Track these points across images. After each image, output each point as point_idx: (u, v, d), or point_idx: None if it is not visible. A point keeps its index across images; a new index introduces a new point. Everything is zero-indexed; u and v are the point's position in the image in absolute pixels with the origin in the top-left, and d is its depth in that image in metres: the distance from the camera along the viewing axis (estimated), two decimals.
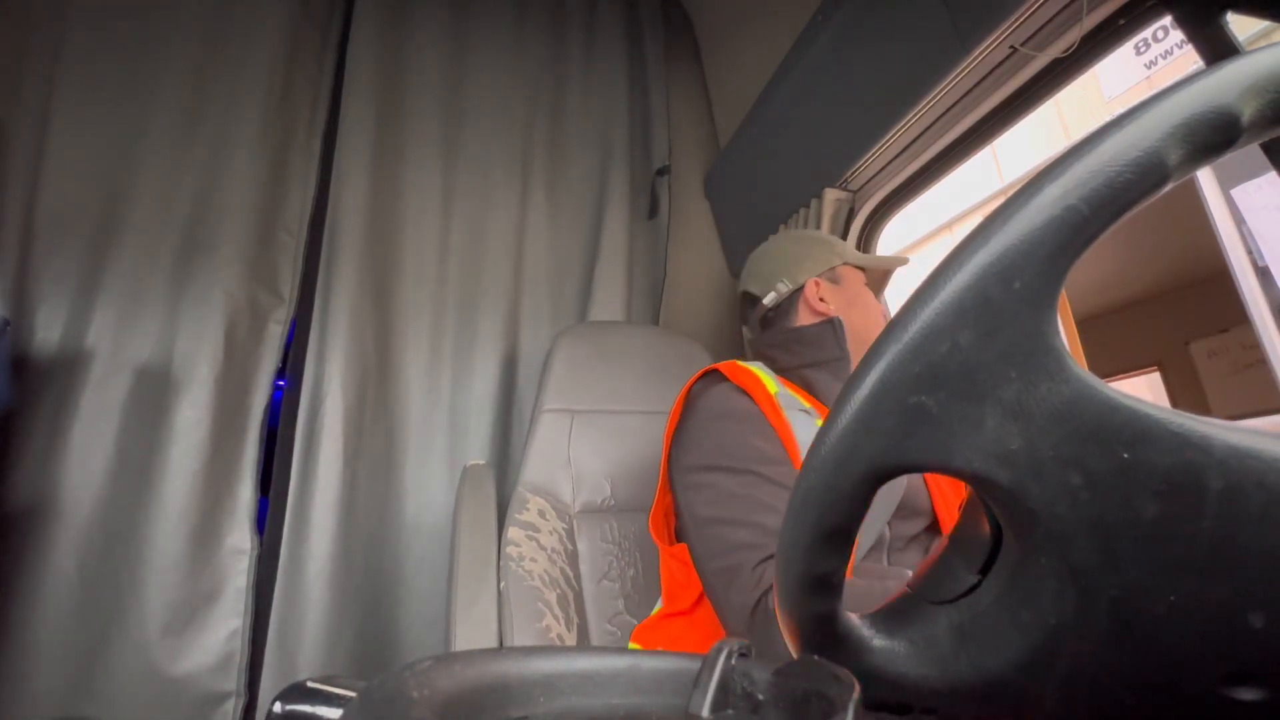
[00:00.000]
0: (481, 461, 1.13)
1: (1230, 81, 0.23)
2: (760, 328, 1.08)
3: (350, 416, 1.32)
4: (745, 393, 0.88)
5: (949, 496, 0.92)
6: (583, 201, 1.67)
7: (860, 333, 0.99)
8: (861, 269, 1.06)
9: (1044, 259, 0.23)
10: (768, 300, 1.05)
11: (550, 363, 1.22)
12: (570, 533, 1.07)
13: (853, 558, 0.80)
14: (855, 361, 0.96)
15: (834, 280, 1.03)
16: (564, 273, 1.62)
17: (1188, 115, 0.23)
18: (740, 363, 0.95)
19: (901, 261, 1.10)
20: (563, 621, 0.95)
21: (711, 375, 0.94)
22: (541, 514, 1.05)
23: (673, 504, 0.93)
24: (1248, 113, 0.23)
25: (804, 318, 1.01)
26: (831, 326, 0.96)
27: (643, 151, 1.75)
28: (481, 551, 0.97)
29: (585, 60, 1.76)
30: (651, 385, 1.21)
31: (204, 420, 1.21)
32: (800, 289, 1.02)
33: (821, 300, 1.01)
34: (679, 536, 0.91)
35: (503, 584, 0.94)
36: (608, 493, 1.14)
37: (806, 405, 0.91)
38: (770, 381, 0.91)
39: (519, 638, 0.90)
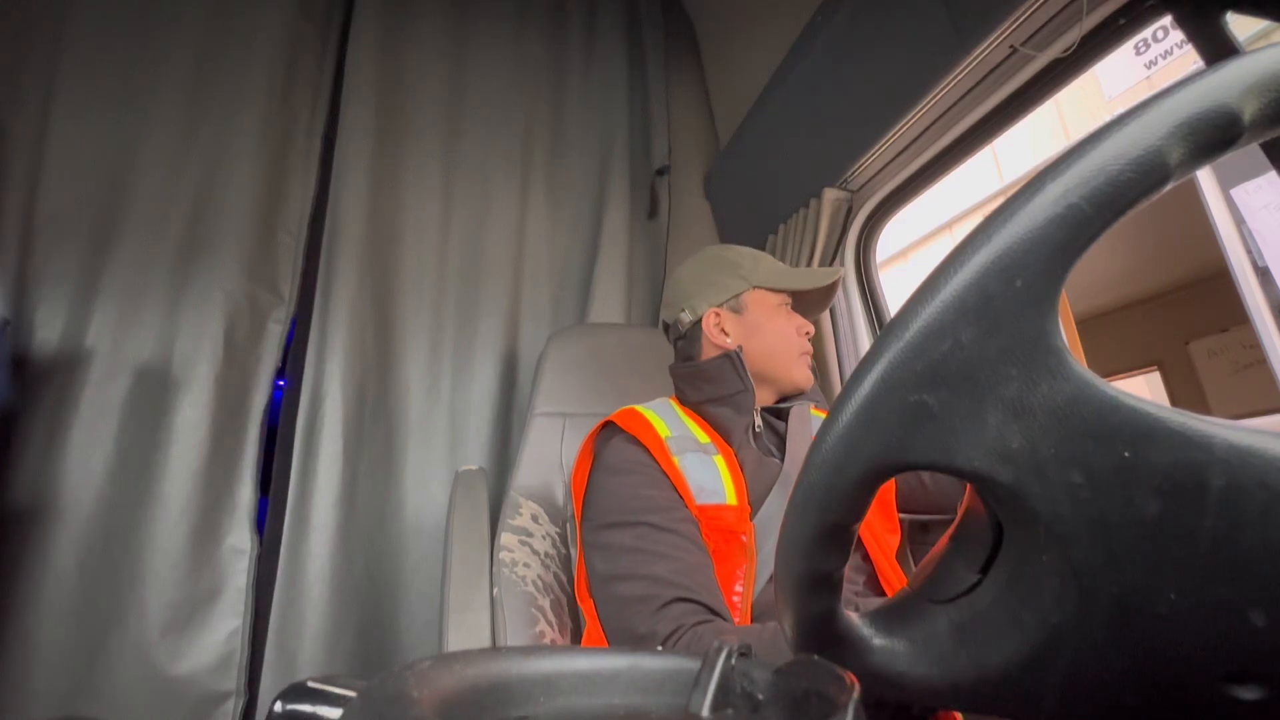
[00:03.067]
0: (474, 466, 1.12)
1: (1231, 81, 0.23)
2: (674, 354, 1.07)
3: (350, 416, 1.32)
4: (638, 442, 0.89)
5: (875, 525, 0.92)
6: (583, 201, 1.67)
7: (762, 364, 0.96)
8: (780, 290, 1.01)
9: (1046, 257, 0.23)
10: (673, 331, 1.04)
11: (542, 366, 1.21)
12: (564, 537, 1.07)
13: (749, 591, 0.81)
14: (760, 392, 0.96)
15: (737, 309, 0.99)
16: (564, 273, 1.62)
17: (1189, 114, 0.23)
18: (637, 408, 0.95)
19: (824, 277, 1.02)
20: (556, 627, 0.94)
21: (609, 428, 0.94)
22: (535, 519, 1.04)
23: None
24: (1249, 112, 0.23)
25: (706, 349, 0.99)
26: (730, 360, 0.94)
27: (643, 151, 1.75)
28: (474, 557, 0.96)
29: (585, 60, 1.76)
30: (645, 387, 1.20)
31: (204, 420, 1.21)
32: (699, 320, 1.00)
33: (722, 332, 0.98)
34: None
35: (496, 590, 0.93)
36: None
37: (704, 441, 0.91)
38: (662, 425, 0.91)
39: (513, 644, 0.89)
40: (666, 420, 0.93)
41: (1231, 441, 0.23)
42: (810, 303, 1.07)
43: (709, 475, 0.86)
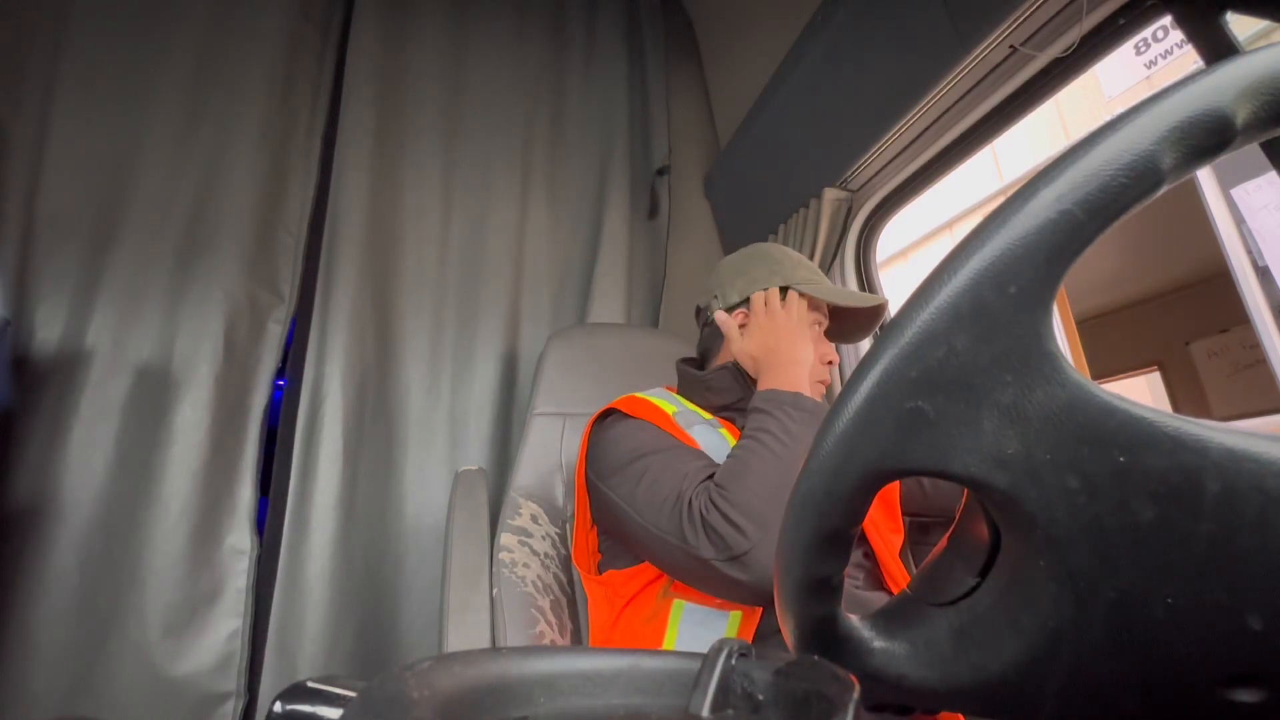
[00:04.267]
0: (474, 466, 1.13)
1: (1224, 84, 0.23)
2: (698, 340, 1.06)
3: (350, 416, 1.32)
4: (645, 420, 0.89)
5: (879, 524, 0.92)
6: (583, 201, 1.67)
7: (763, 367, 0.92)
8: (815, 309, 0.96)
9: (1039, 263, 0.23)
10: (701, 317, 1.04)
11: (542, 366, 1.21)
12: (563, 538, 1.07)
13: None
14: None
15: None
16: (564, 273, 1.62)
17: (1182, 118, 0.23)
18: (637, 394, 0.95)
19: (862, 300, 0.96)
20: (556, 628, 0.95)
21: (613, 414, 0.93)
22: (534, 519, 1.04)
23: (596, 529, 0.93)
24: (1242, 115, 0.23)
25: (724, 350, 0.99)
26: (729, 372, 0.94)
27: (643, 151, 1.75)
28: (474, 558, 0.97)
29: (585, 60, 1.76)
30: (644, 388, 1.20)
31: (204, 420, 1.21)
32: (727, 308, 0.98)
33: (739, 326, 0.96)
34: (610, 545, 0.90)
35: (495, 590, 0.94)
36: None
37: (707, 418, 0.92)
38: (666, 404, 0.92)
39: (512, 645, 0.89)
40: (668, 401, 0.94)
41: (1227, 445, 0.23)
42: (846, 329, 1.03)
43: (720, 444, 0.87)
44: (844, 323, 1.02)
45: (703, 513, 0.73)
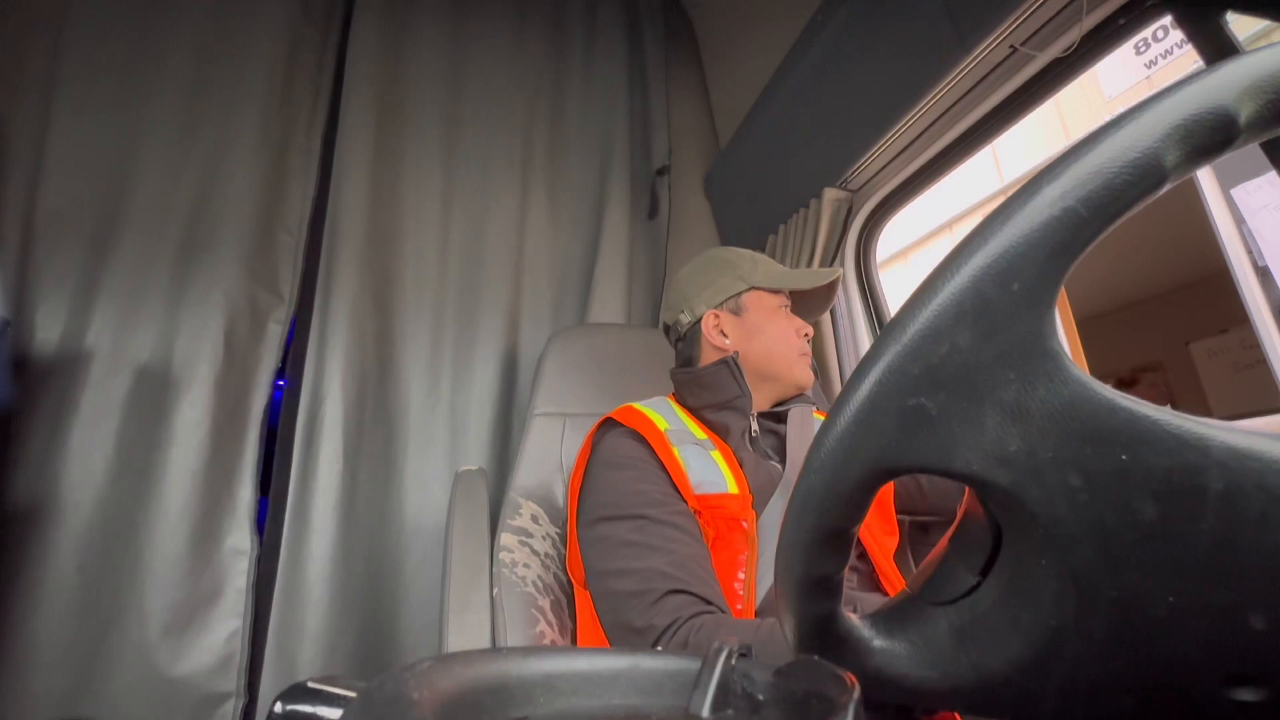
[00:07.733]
0: (474, 466, 1.12)
1: (1228, 82, 0.23)
2: (674, 355, 1.07)
3: (350, 416, 1.32)
4: (637, 435, 0.89)
5: (873, 526, 0.92)
6: (583, 201, 1.67)
7: (762, 364, 0.97)
8: (778, 291, 1.01)
9: (1042, 261, 0.23)
10: (673, 333, 1.05)
11: (542, 366, 1.21)
12: (563, 538, 1.06)
13: (748, 594, 0.81)
14: (760, 393, 0.96)
15: (736, 310, 1.00)
16: (564, 273, 1.62)
17: (1185, 116, 0.23)
18: (635, 405, 0.95)
19: (821, 277, 1.01)
20: (556, 628, 0.94)
21: (607, 423, 0.94)
22: (534, 519, 1.04)
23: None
24: (1245, 113, 0.23)
25: (705, 352, 1.00)
26: (727, 367, 0.94)
27: (643, 151, 1.75)
28: (474, 558, 0.96)
29: (585, 60, 1.76)
30: (645, 387, 1.20)
31: (204, 420, 1.21)
32: (699, 321, 1.00)
33: (721, 334, 0.99)
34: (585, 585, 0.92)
35: (495, 590, 0.93)
36: None
37: (701, 437, 0.91)
38: (660, 419, 0.92)
39: (512, 645, 0.89)
40: (664, 415, 0.93)
41: (1229, 444, 0.23)
42: (810, 305, 1.07)
43: (708, 467, 0.87)
44: (806, 298, 1.06)
45: (689, 637, 0.71)
